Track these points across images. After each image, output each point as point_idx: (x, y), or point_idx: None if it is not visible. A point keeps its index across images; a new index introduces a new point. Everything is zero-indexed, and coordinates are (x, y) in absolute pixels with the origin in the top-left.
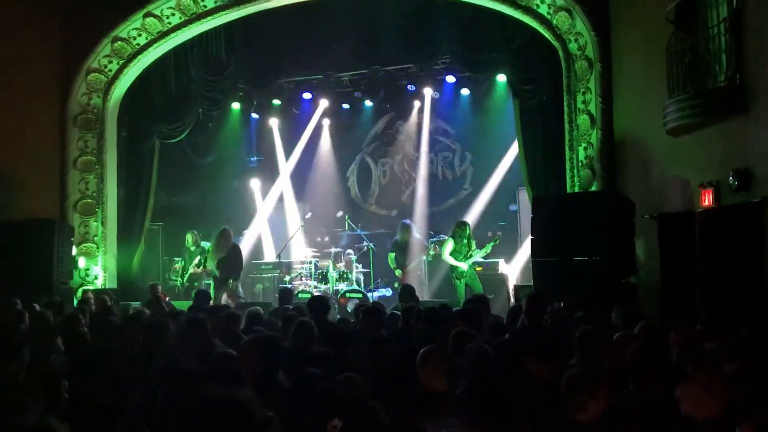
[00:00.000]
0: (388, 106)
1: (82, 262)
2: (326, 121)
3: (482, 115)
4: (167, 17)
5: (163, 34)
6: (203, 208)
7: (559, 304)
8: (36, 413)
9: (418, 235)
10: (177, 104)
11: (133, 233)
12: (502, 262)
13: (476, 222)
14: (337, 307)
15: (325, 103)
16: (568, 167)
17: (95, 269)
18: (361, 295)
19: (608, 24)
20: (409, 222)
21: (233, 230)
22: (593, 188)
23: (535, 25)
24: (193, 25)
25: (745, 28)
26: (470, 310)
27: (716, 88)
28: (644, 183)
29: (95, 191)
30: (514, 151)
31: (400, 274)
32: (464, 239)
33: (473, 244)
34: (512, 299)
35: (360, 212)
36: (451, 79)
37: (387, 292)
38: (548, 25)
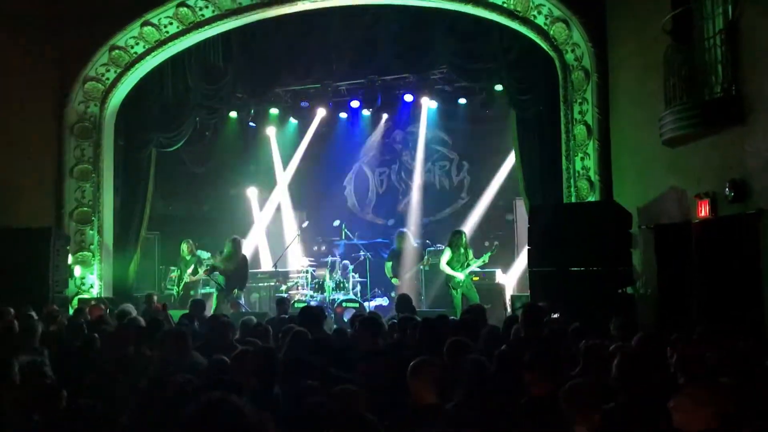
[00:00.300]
0: (386, 115)
1: (77, 270)
2: (323, 130)
3: (479, 124)
4: (165, 26)
5: (160, 43)
6: (200, 217)
7: (555, 315)
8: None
9: (416, 244)
10: (174, 113)
11: (129, 242)
12: (499, 272)
13: (473, 231)
14: (333, 316)
15: (322, 112)
16: (564, 177)
17: (91, 278)
18: (357, 304)
19: (605, 35)
20: (405, 231)
21: (230, 239)
22: (590, 199)
23: (532, 35)
24: (191, 34)
25: (741, 40)
26: (467, 320)
27: (712, 99)
28: (641, 194)
29: (91, 200)
30: (510, 160)
31: (396, 283)
32: (461, 248)
33: (470, 253)
34: (509, 309)
35: (357, 221)
36: (448, 88)
37: (384, 301)
38: (545, 36)
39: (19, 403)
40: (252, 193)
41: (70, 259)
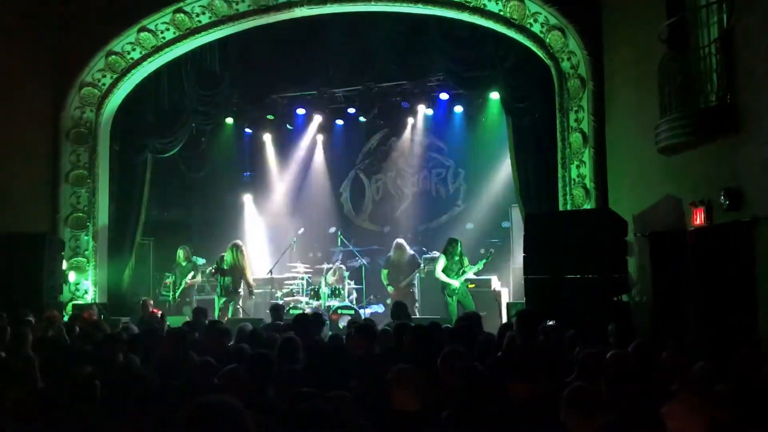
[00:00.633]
0: (382, 122)
1: (72, 276)
2: (320, 136)
3: (475, 132)
4: (162, 32)
5: (157, 49)
6: (195, 223)
7: (551, 322)
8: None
9: (412, 252)
10: (170, 119)
11: (124, 248)
12: (495, 279)
13: (469, 239)
14: (329, 323)
15: (318, 119)
16: (560, 185)
17: (85, 283)
18: (353, 311)
19: (601, 43)
20: (402, 241)
21: (225, 246)
22: (585, 206)
23: (528, 43)
24: (188, 40)
25: (736, 49)
26: (463, 328)
27: (708, 107)
28: (636, 201)
29: (87, 205)
30: (506, 168)
31: (392, 290)
32: (456, 256)
33: (465, 261)
34: (504, 316)
35: (353, 228)
36: (444, 96)
37: (379, 308)
38: (541, 44)
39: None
40: (247, 199)
41: (64, 265)
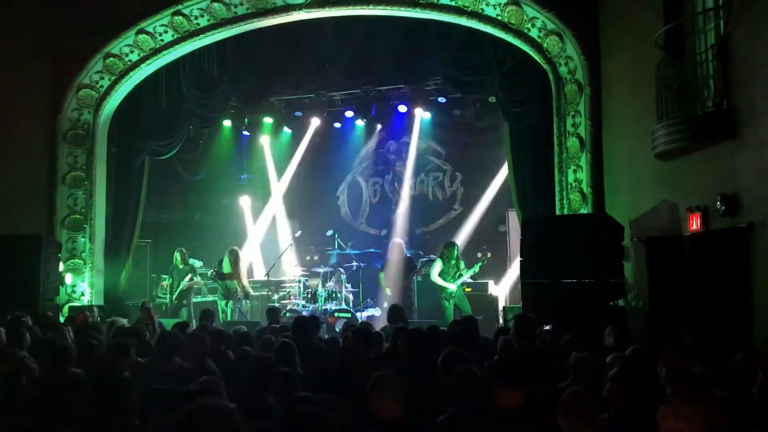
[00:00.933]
0: (380, 125)
1: (68, 278)
2: (317, 139)
3: (473, 136)
4: (160, 34)
5: (155, 51)
6: (192, 225)
7: (547, 327)
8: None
9: (409, 254)
10: (168, 121)
11: (121, 250)
12: (492, 283)
13: (465, 242)
14: (325, 326)
15: (316, 122)
16: (557, 189)
17: (82, 286)
18: (349, 314)
19: (598, 48)
20: (400, 242)
21: (223, 248)
22: (582, 211)
23: (526, 48)
24: (186, 42)
25: (733, 55)
26: (461, 331)
27: (704, 113)
28: (633, 206)
29: (84, 207)
30: (503, 172)
31: (389, 293)
32: (452, 260)
33: (462, 264)
34: (501, 320)
35: (350, 231)
36: (442, 99)
37: (376, 311)
38: (539, 49)
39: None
40: (245, 202)
41: (61, 267)
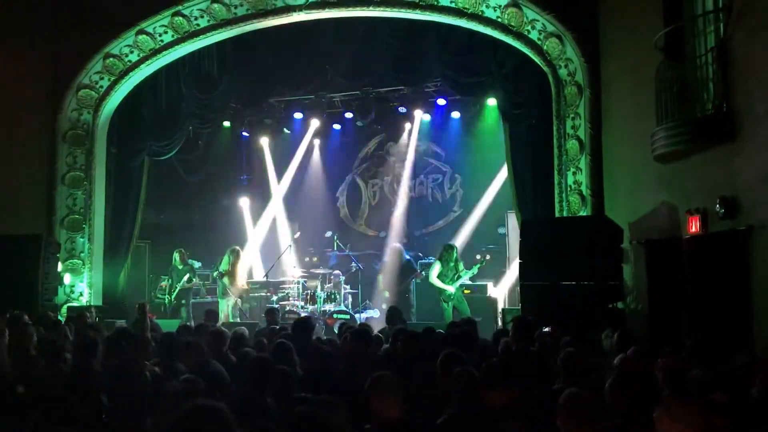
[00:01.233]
0: (379, 127)
1: (67, 278)
2: (317, 141)
3: (472, 138)
4: (160, 35)
5: (155, 52)
6: (191, 226)
7: (546, 329)
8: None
9: (408, 257)
10: (167, 121)
11: (119, 250)
12: (491, 285)
13: (465, 244)
14: (324, 327)
15: (316, 123)
16: (556, 192)
17: (80, 286)
18: (348, 316)
19: (598, 51)
20: (399, 245)
21: (221, 249)
22: (581, 213)
23: (525, 50)
24: (186, 43)
25: (732, 58)
26: (460, 333)
27: (704, 116)
28: (632, 209)
29: (83, 207)
30: (503, 174)
31: (388, 295)
32: (451, 262)
33: (461, 266)
34: (500, 322)
35: (349, 233)
36: (441, 101)
37: (374, 313)
38: (539, 51)
39: None
40: (244, 203)
41: (60, 267)
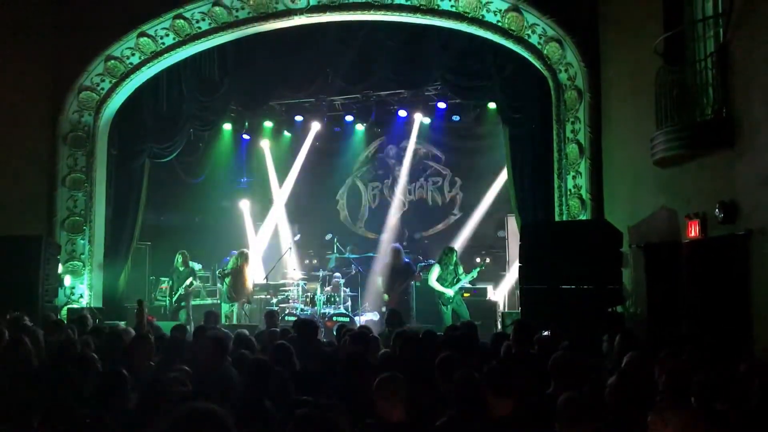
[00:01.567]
0: (379, 130)
1: (67, 280)
2: (317, 143)
3: (472, 141)
4: (161, 38)
5: (156, 54)
6: (192, 228)
7: (546, 333)
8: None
9: (408, 259)
10: (168, 124)
11: (120, 252)
12: (491, 289)
13: (464, 247)
14: (324, 330)
15: (316, 126)
16: (556, 195)
17: (81, 288)
18: (347, 318)
19: (598, 55)
20: (399, 246)
21: (223, 251)
22: (581, 217)
23: (526, 54)
24: (187, 46)
25: (732, 63)
26: (460, 336)
27: (703, 120)
28: (632, 213)
29: (83, 209)
30: (503, 177)
31: (387, 298)
32: (451, 266)
33: (460, 270)
34: (499, 326)
35: (349, 235)
36: (442, 105)
37: (374, 316)
38: (539, 55)
39: None
40: (245, 205)
41: (60, 269)
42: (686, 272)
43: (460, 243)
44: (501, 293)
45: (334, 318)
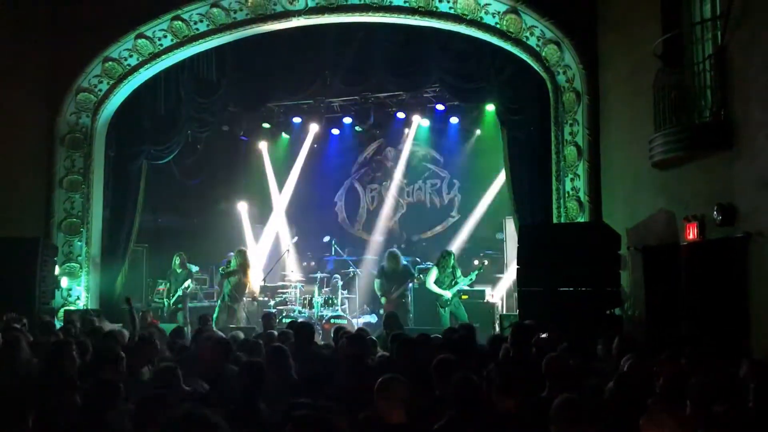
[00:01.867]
0: (378, 132)
1: (64, 282)
2: (315, 145)
3: (471, 143)
4: (159, 39)
5: (154, 56)
6: (189, 230)
7: (544, 335)
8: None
9: (405, 262)
10: (166, 125)
11: (117, 254)
12: (489, 291)
13: (462, 249)
14: (321, 332)
15: (314, 128)
16: (554, 198)
17: (78, 289)
18: (345, 321)
19: (596, 57)
20: (396, 251)
21: (220, 253)
22: (579, 219)
23: (524, 56)
24: (185, 47)
25: (730, 65)
26: (458, 339)
27: (701, 123)
28: (630, 215)
29: (81, 211)
30: (501, 179)
31: (384, 301)
32: (449, 268)
33: (458, 272)
34: (497, 328)
35: (347, 237)
36: (440, 107)
37: (372, 318)
38: (537, 57)
39: None
40: (242, 207)
41: (57, 270)
42: (685, 274)
43: (458, 245)
44: (499, 295)
45: (332, 320)
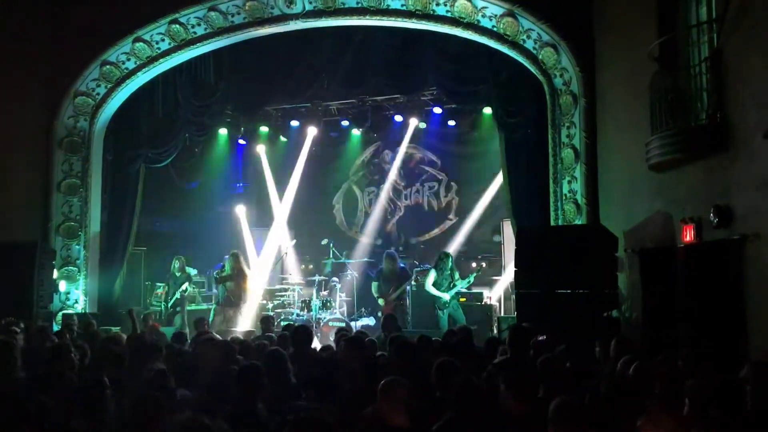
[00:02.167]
0: (375, 135)
1: (62, 285)
2: (313, 148)
3: (468, 146)
4: (157, 43)
5: (152, 59)
6: (187, 233)
7: (541, 337)
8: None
9: (403, 264)
10: (164, 129)
11: (115, 257)
12: (486, 293)
13: (460, 252)
14: (319, 335)
15: (312, 131)
16: (551, 200)
17: (76, 293)
18: (343, 324)
19: (593, 60)
20: (394, 252)
21: (219, 256)
22: (577, 222)
23: (521, 59)
24: (183, 51)
25: (726, 68)
26: (457, 341)
27: (698, 125)
28: (627, 217)
29: (79, 214)
30: (498, 182)
31: (383, 303)
32: (447, 270)
33: (456, 274)
34: (494, 330)
35: (345, 240)
36: (437, 110)
37: (370, 321)
38: (534, 60)
39: None
40: (240, 210)
41: (55, 274)
42: (681, 276)
43: (455, 247)
44: (497, 297)
45: (330, 323)
